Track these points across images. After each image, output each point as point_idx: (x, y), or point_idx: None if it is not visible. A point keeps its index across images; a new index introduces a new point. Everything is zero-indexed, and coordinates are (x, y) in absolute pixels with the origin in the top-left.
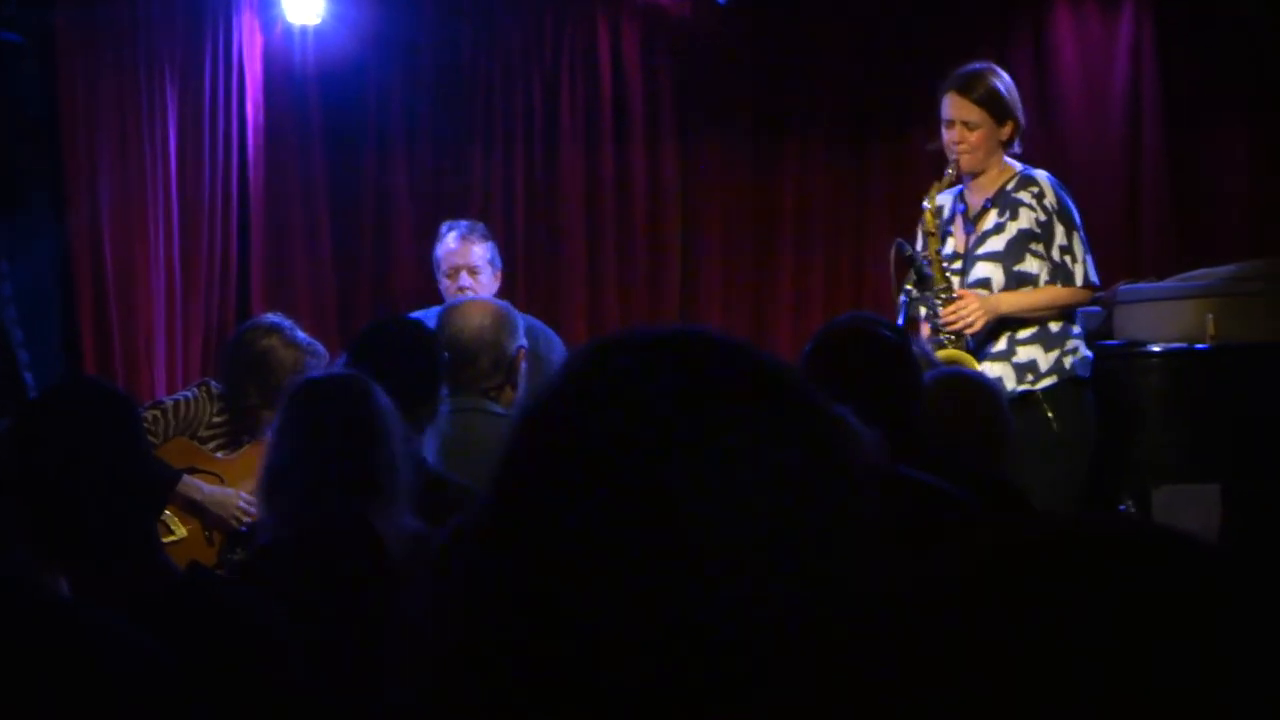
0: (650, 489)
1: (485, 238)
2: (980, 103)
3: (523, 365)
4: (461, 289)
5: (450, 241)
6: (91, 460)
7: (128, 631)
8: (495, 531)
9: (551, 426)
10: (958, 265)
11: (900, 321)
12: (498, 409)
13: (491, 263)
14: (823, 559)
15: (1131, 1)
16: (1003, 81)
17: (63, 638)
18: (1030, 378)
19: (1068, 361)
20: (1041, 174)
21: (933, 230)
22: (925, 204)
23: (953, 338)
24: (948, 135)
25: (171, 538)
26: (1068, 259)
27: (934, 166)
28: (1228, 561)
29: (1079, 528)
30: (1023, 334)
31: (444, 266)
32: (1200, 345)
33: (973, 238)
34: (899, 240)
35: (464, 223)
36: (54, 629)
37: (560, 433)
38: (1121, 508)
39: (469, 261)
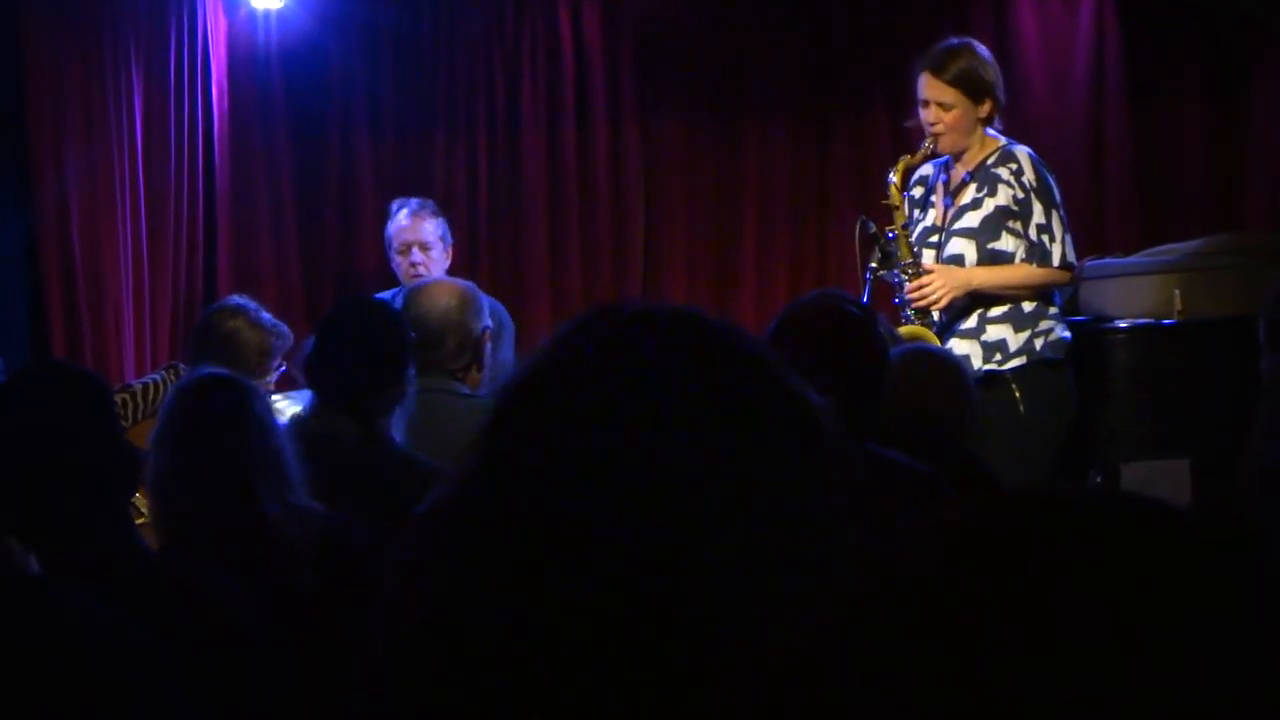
0: (637, 460)
1: (436, 214)
2: (954, 83)
3: (487, 346)
4: (413, 265)
5: (402, 219)
6: (65, 441)
7: (102, 611)
8: (483, 501)
9: (540, 398)
10: (935, 239)
11: (865, 299)
12: (464, 390)
13: (443, 239)
14: (804, 533)
15: None
16: (979, 58)
17: (37, 616)
18: (998, 357)
19: (1038, 343)
20: (1023, 150)
21: (898, 204)
22: (891, 177)
23: (918, 314)
24: (923, 114)
25: (142, 520)
26: (1045, 238)
27: (896, 144)
28: (1200, 527)
29: (1053, 502)
30: (994, 312)
31: (395, 244)
32: (1167, 320)
33: (951, 211)
34: (863, 218)
35: (414, 200)
36: (28, 608)
37: (549, 404)
38: (1091, 483)
39: (420, 238)
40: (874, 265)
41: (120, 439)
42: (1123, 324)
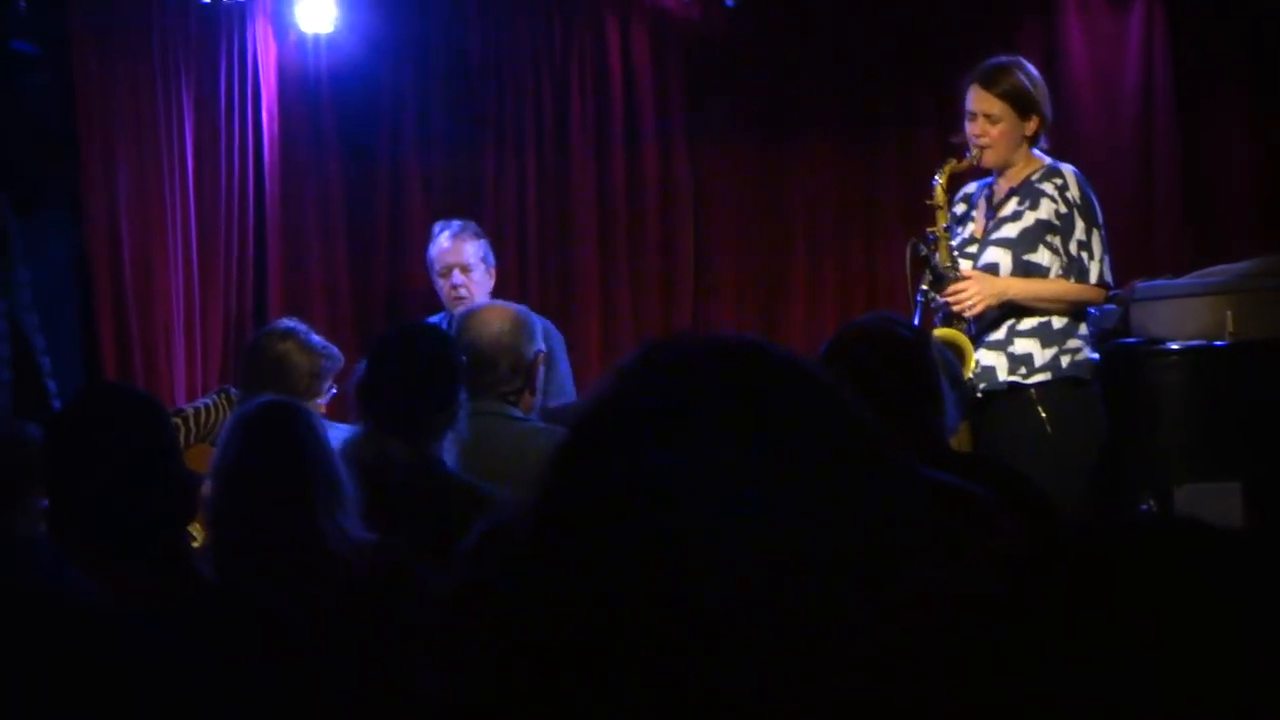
0: (704, 494)
1: (477, 236)
2: (1003, 96)
3: (540, 369)
4: (455, 287)
5: (443, 241)
6: (124, 466)
7: (161, 635)
8: (546, 536)
9: (604, 433)
10: (972, 250)
11: (916, 321)
12: (517, 413)
13: (484, 260)
14: (875, 565)
15: None
16: (1028, 75)
17: (98, 641)
18: (1023, 370)
19: (1065, 360)
20: (1068, 168)
21: (941, 204)
22: (936, 178)
23: (952, 318)
24: (970, 128)
25: (196, 543)
26: (1084, 255)
27: (942, 161)
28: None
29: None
30: (1023, 326)
31: (437, 266)
32: (1219, 342)
33: (991, 222)
34: (913, 240)
35: (456, 221)
36: (89, 633)
37: (613, 439)
38: (1143, 507)
39: (462, 260)
40: (925, 287)
41: (177, 462)
42: (1174, 345)
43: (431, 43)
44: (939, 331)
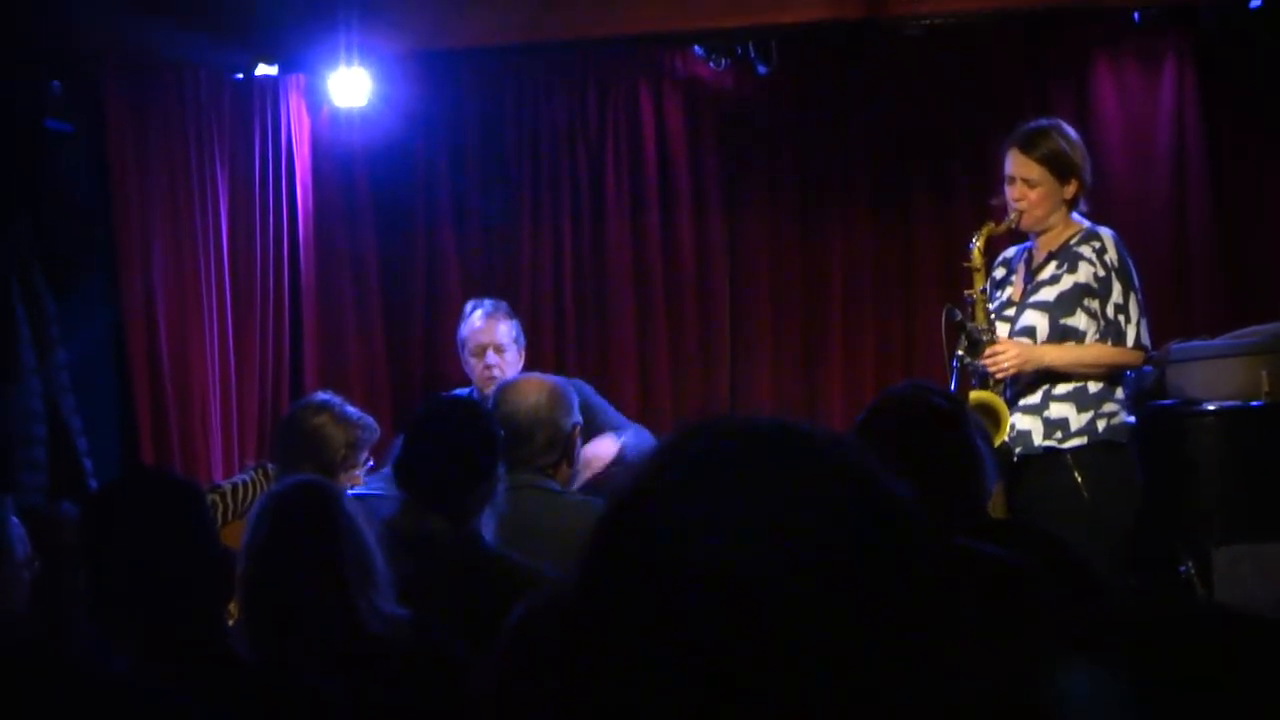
0: (740, 576)
1: (510, 316)
2: (1042, 160)
3: (578, 442)
4: (488, 367)
5: (476, 320)
6: (161, 551)
7: (200, 714)
8: (585, 616)
9: (642, 515)
10: (1010, 313)
11: (953, 387)
12: (555, 486)
13: (516, 340)
14: (908, 640)
15: (1173, 57)
16: (1067, 139)
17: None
18: (1059, 435)
19: (1101, 425)
20: (1106, 231)
21: (979, 267)
22: (974, 242)
23: (988, 380)
24: (1009, 192)
25: (232, 621)
26: (1121, 318)
27: (980, 226)
28: None
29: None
30: (1059, 390)
31: (470, 345)
32: (1255, 403)
33: (1029, 286)
34: (949, 306)
35: (489, 301)
36: (130, 712)
37: (650, 521)
38: (1182, 569)
39: (495, 340)
40: (961, 353)
41: (215, 547)
42: (1210, 406)
43: (466, 116)
44: (975, 395)
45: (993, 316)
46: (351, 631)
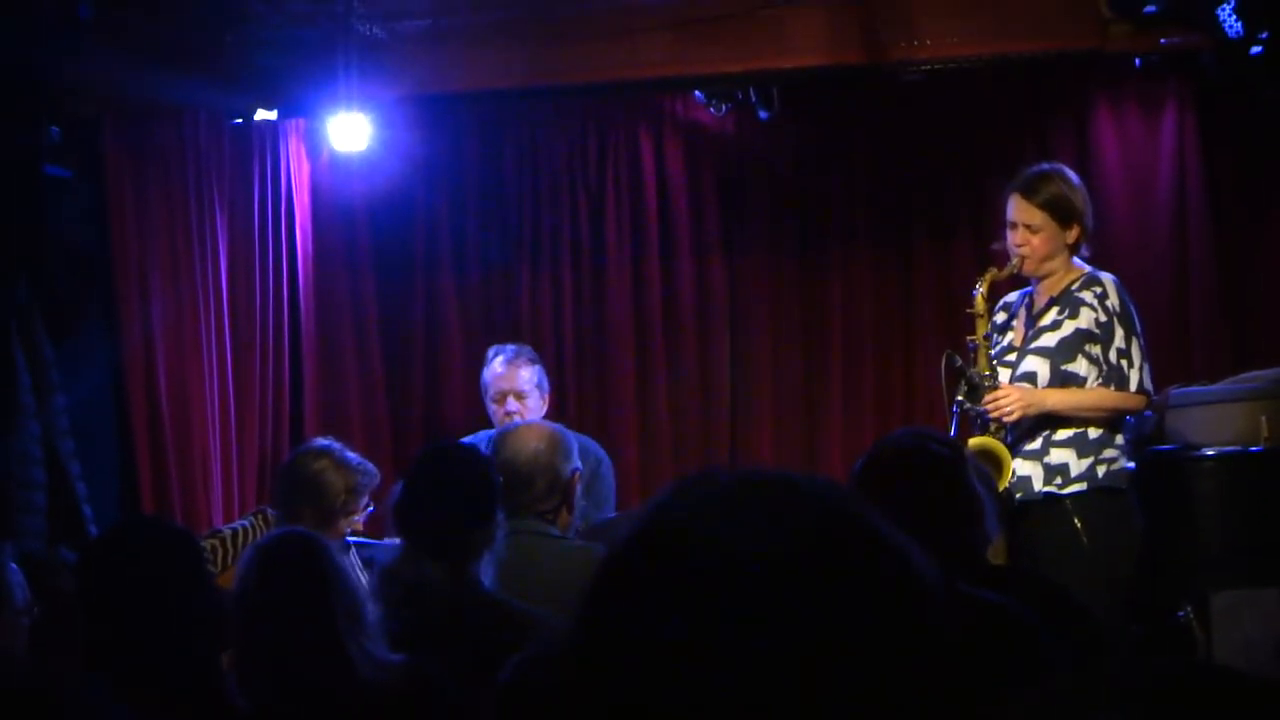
0: (738, 630)
1: (532, 361)
2: (1044, 206)
3: (578, 488)
4: (509, 414)
5: (497, 366)
6: (157, 600)
7: None
8: (582, 662)
9: (636, 568)
10: (1011, 358)
11: (953, 432)
12: (554, 532)
13: (539, 386)
14: (910, 692)
15: (1174, 103)
16: (1069, 184)
17: None
18: (1059, 480)
19: (1100, 470)
20: (1108, 276)
21: (982, 313)
22: (977, 289)
23: (990, 425)
24: (1011, 237)
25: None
26: (1124, 363)
27: (980, 272)
28: None
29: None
30: (1059, 436)
31: (491, 391)
32: (1255, 448)
33: (1030, 331)
34: (949, 352)
35: (511, 347)
36: None
37: (645, 574)
38: (1180, 614)
39: (516, 386)
40: (960, 399)
41: (212, 594)
42: (1210, 451)
43: (466, 161)
44: (976, 440)
45: (995, 362)
46: (344, 678)
